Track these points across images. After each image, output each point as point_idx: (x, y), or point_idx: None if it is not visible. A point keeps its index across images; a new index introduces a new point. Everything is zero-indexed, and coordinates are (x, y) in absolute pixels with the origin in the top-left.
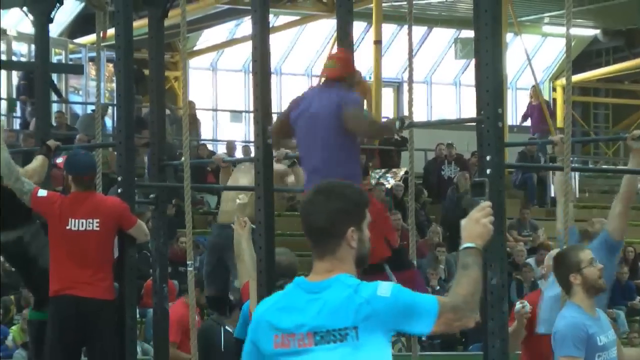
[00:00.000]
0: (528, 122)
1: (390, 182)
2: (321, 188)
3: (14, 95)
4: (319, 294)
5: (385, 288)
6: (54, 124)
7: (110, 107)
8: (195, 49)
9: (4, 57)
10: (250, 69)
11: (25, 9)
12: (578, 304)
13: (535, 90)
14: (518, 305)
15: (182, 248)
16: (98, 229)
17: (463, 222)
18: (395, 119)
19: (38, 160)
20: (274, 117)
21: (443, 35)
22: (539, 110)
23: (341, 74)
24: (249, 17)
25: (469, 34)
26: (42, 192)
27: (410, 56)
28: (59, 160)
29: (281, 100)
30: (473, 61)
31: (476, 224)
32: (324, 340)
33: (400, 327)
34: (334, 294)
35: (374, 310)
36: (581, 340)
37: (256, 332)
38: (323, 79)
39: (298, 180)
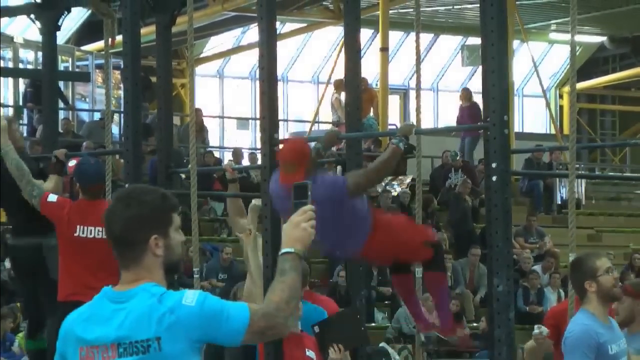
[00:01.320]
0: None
1: (396, 189)
2: (121, 195)
3: (21, 103)
4: (124, 304)
5: (190, 297)
6: (60, 131)
7: (117, 114)
8: (201, 56)
9: (11, 65)
10: (257, 76)
11: (32, 16)
12: (591, 311)
13: (465, 93)
14: (536, 330)
15: (188, 255)
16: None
17: (284, 226)
18: (398, 142)
19: (52, 181)
20: (281, 124)
21: (450, 43)
22: (469, 113)
23: (304, 173)
24: (256, 24)
25: (476, 41)
26: (52, 197)
27: (418, 63)
28: (71, 163)
29: (288, 107)
30: (480, 68)
31: (295, 228)
32: (127, 352)
33: (209, 336)
34: (138, 303)
35: (177, 319)
36: (591, 348)
37: (64, 344)
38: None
39: None
